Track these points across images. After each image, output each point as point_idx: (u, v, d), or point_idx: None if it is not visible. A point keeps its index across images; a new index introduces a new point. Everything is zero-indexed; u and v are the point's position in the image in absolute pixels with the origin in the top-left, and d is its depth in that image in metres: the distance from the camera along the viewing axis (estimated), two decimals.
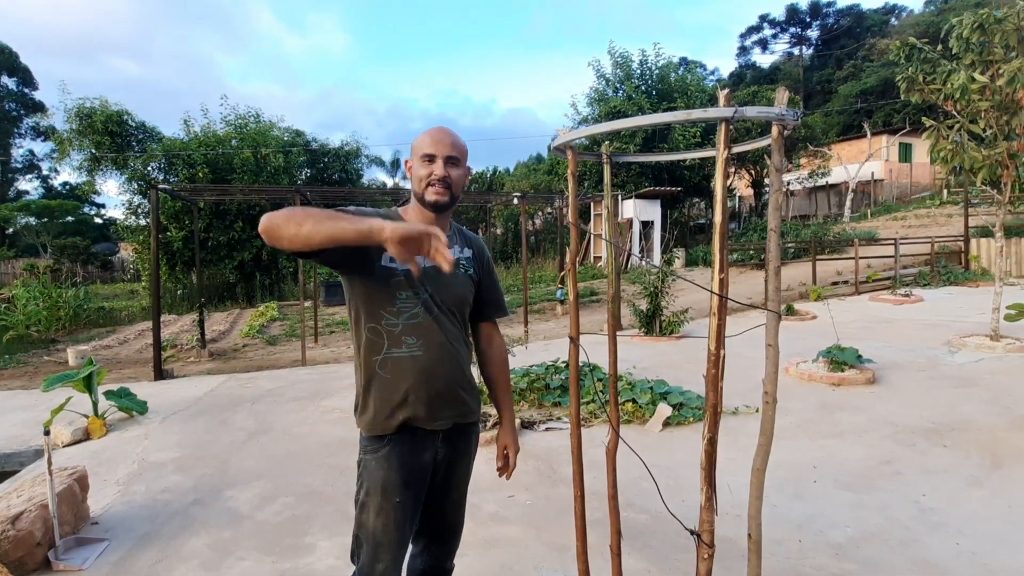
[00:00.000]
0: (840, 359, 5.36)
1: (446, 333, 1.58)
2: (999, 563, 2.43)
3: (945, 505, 2.96)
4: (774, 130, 1.26)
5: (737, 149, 1.65)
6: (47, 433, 2.68)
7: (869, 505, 3.00)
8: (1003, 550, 2.53)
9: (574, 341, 1.43)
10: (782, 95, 1.25)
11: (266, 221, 1.29)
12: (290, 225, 1.27)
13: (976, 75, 5.82)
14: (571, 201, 1.40)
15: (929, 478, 3.29)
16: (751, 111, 1.15)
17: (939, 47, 6.44)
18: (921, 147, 22.14)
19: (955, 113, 6.31)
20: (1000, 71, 5.76)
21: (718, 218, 1.20)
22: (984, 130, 6.16)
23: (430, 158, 1.54)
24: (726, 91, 1.16)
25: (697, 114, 1.16)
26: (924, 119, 6.42)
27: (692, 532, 1.24)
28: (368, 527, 1.54)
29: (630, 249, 18.49)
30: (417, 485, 1.58)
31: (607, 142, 1.65)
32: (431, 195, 1.53)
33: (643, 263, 16.78)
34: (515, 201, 9.59)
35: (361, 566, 1.56)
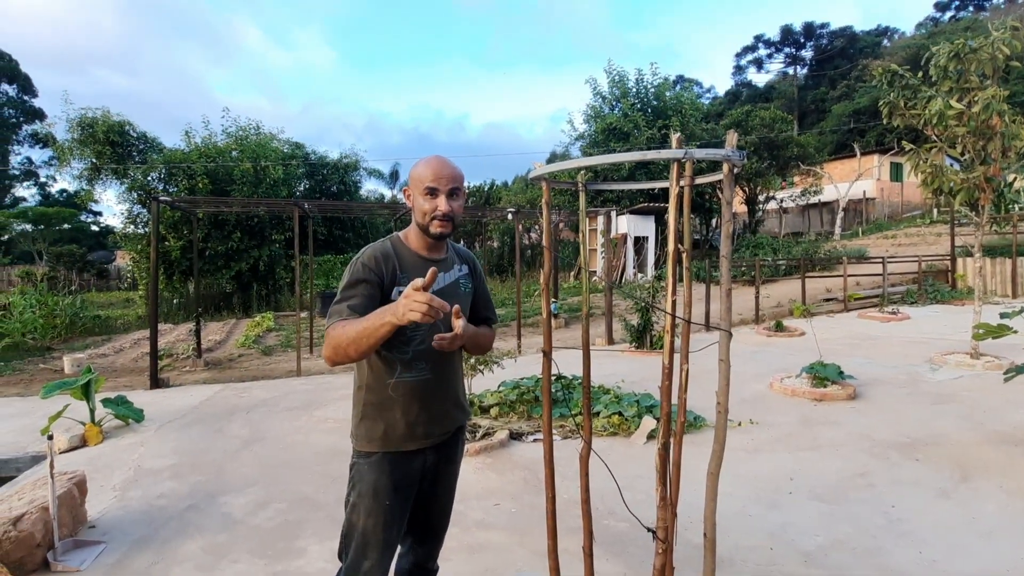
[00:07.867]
0: (822, 375, 5.50)
1: (450, 354, 1.69)
2: (957, 569, 2.56)
3: (912, 515, 3.09)
4: (724, 167, 1.41)
5: (700, 181, 1.81)
6: (50, 438, 2.79)
7: (840, 515, 3.12)
8: (962, 558, 2.66)
9: (547, 355, 1.57)
10: (731, 138, 1.40)
11: (329, 358, 1.49)
12: (342, 355, 1.45)
13: (953, 102, 6.05)
14: (545, 227, 1.55)
15: (900, 490, 3.42)
16: (699, 153, 1.30)
17: (919, 74, 6.67)
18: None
19: (935, 137, 6.53)
20: (975, 98, 5.99)
21: (671, 246, 1.35)
22: (962, 154, 6.38)
23: (432, 192, 1.60)
24: (678, 135, 1.31)
25: (652, 155, 1.31)
26: (904, 143, 6.64)
27: (649, 529, 1.37)
28: (357, 527, 1.64)
29: (624, 264, 18.66)
30: (407, 489, 1.69)
31: (581, 172, 1.80)
32: (435, 228, 1.62)
33: (637, 278, 16.96)
34: (509, 217, 9.76)
35: (349, 563, 1.66)
